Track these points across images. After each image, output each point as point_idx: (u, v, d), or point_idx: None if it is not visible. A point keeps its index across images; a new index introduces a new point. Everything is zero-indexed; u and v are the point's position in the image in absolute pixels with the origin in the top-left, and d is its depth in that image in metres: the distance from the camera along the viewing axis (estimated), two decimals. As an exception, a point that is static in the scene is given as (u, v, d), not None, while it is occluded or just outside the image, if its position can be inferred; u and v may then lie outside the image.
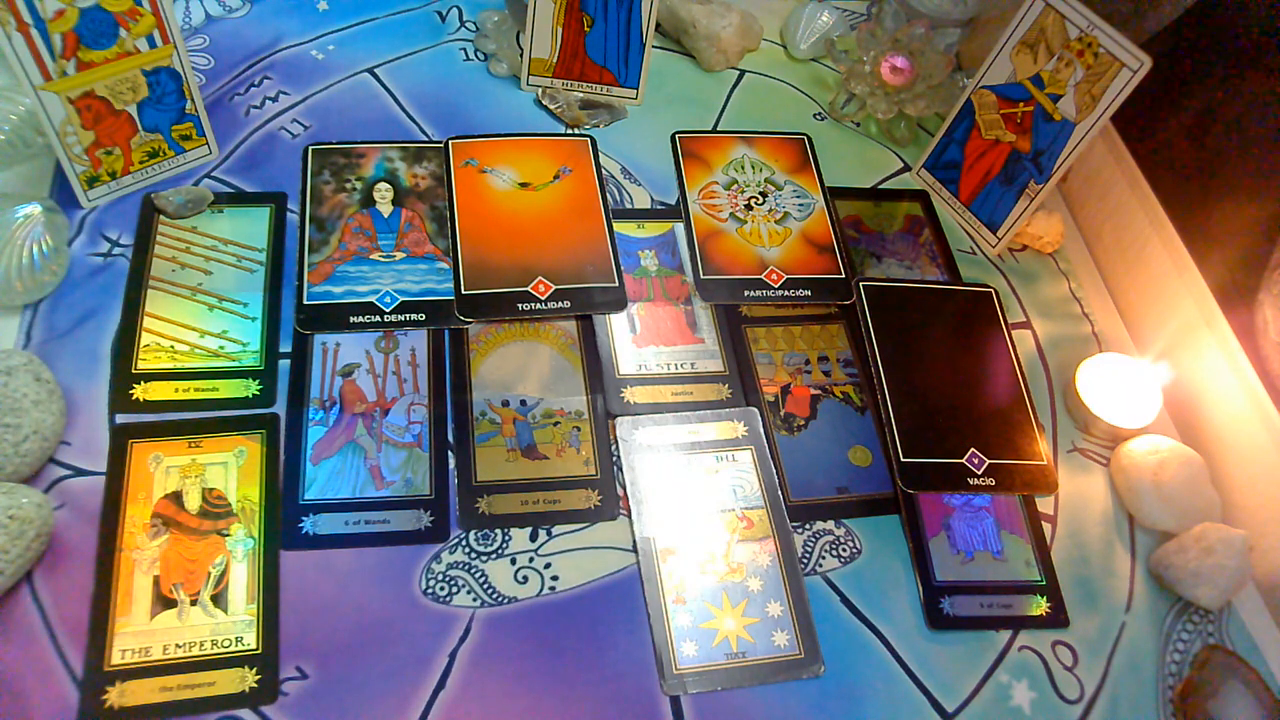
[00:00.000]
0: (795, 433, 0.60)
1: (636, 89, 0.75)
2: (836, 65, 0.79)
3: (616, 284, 0.62)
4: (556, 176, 0.67)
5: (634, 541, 0.53)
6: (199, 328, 0.56)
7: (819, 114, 0.79)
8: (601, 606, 0.51)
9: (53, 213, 0.56)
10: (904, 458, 0.57)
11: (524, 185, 0.66)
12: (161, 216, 0.61)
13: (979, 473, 0.58)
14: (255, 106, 0.69)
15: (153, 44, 0.58)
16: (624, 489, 0.55)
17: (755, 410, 0.59)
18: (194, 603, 0.47)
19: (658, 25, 0.77)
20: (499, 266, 0.61)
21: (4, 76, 0.58)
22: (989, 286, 0.67)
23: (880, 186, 0.75)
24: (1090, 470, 0.62)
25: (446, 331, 0.59)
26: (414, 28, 0.77)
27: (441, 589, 0.50)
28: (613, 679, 0.49)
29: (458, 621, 0.49)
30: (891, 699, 0.51)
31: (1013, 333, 0.65)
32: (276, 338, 0.57)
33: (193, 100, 0.62)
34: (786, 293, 0.65)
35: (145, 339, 0.55)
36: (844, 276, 0.66)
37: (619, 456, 0.56)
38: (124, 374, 0.54)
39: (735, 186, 0.70)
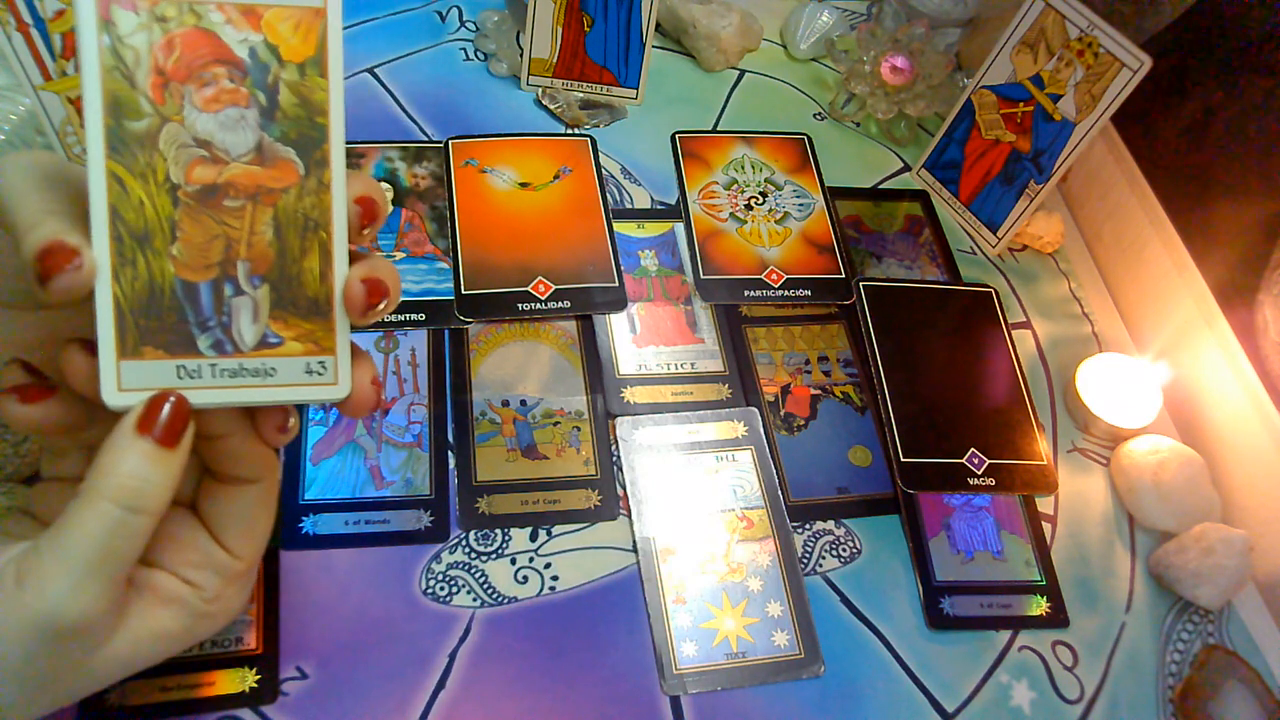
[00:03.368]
0: (795, 433, 0.60)
1: (636, 89, 0.75)
2: (836, 65, 0.79)
3: (616, 284, 0.62)
4: (556, 176, 0.67)
5: (634, 541, 0.53)
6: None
7: (819, 114, 0.79)
8: (601, 606, 0.51)
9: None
10: (904, 458, 0.57)
11: (524, 185, 0.66)
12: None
13: (979, 473, 0.58)
14: (255, 106, 0.69)
15: (153, 44, 0.58)
16: (624, 489, 0.55)
17: (755, 410, 0.59)
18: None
19: (658, 25, 0.77)
20: (499, 266, 0.61)
21: (4, 76, 0.58)
22: (989, 286, 0.67)
23: (880, 186, 0.75)
24: (1090, 470, 0.62)
25: (446, 331, 0.59)
26: (414, 28, 0.77)
27: (441, 589, 0.50)
28: (613, 679, 0.49)
29: (458, 621, 0.49)
30: (891, 699, 0.51)
31: (1013, 333, 0.65)
32: (276, 338, 0.57)
33: (193, 100, 0.62)
34: (786, 293, 0.65)
35: (145, 339, 0.55)
36: (844, 276, 0.66)
37: (619, 456, 0.56)
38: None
39: (735, 186, 0.70)
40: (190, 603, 0.35)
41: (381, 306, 0.33)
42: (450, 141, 0.68)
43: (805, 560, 0.55)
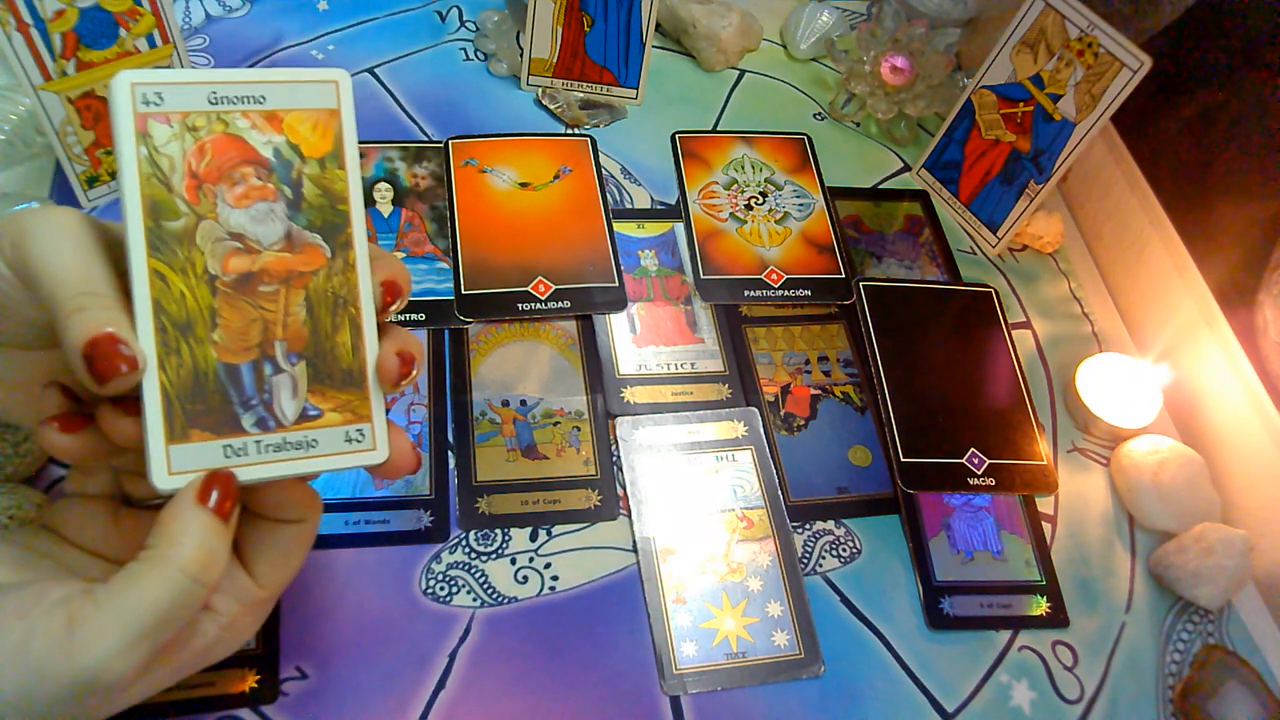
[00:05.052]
0: (795, 433, 0.60)
1: (636, 89, 0.75)
2: (836, 65, 0.79)
3: (616, 284, 0.62)
4: (556, 176, 0.67)
5: (634, 541, 0.53)
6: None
7: (819, 114, 0.79)
8: (601, 606, 0.51)
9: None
10: (904, 458, 0.57)
11: (524, 185, 0.66)
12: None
13: (979, 473, 0.58)
14: (255, 106, 0.69)
15: (153, 44, 0.58)
16: (624, 489, 0.55)
17: (755, 410, 0.59)
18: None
19: (658, 25, 0.77)
20: (499, 266, 0.61)
21: (4, 76, 0.58)
22: (989, 286, 0.67)
23: (880, 186, 0.75)
24: (1090, 470, 0.62)
25: (446, 331, 0.59)
26: (414, 28, 0.77)
27: (441, 589, 0.50)
28: (613, 679, 0.49)
29: (458, 621, 0.49)
30: (891, 699, 0.51)
31: (1013, 333, 0.65)
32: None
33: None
34: (786, 293, 0.65)
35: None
36: (844, 276, 0.66)
37: (619, 456, 0.56)
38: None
39: (735, 186, 0.70)
40: (206, 630, 0.35)
41: (413, 375, 0.35)
42: (450, 141, 0.68)
43: (805, 560, 0.55)
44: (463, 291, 0.60)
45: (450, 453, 0.55)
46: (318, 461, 0.34)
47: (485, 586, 0.51)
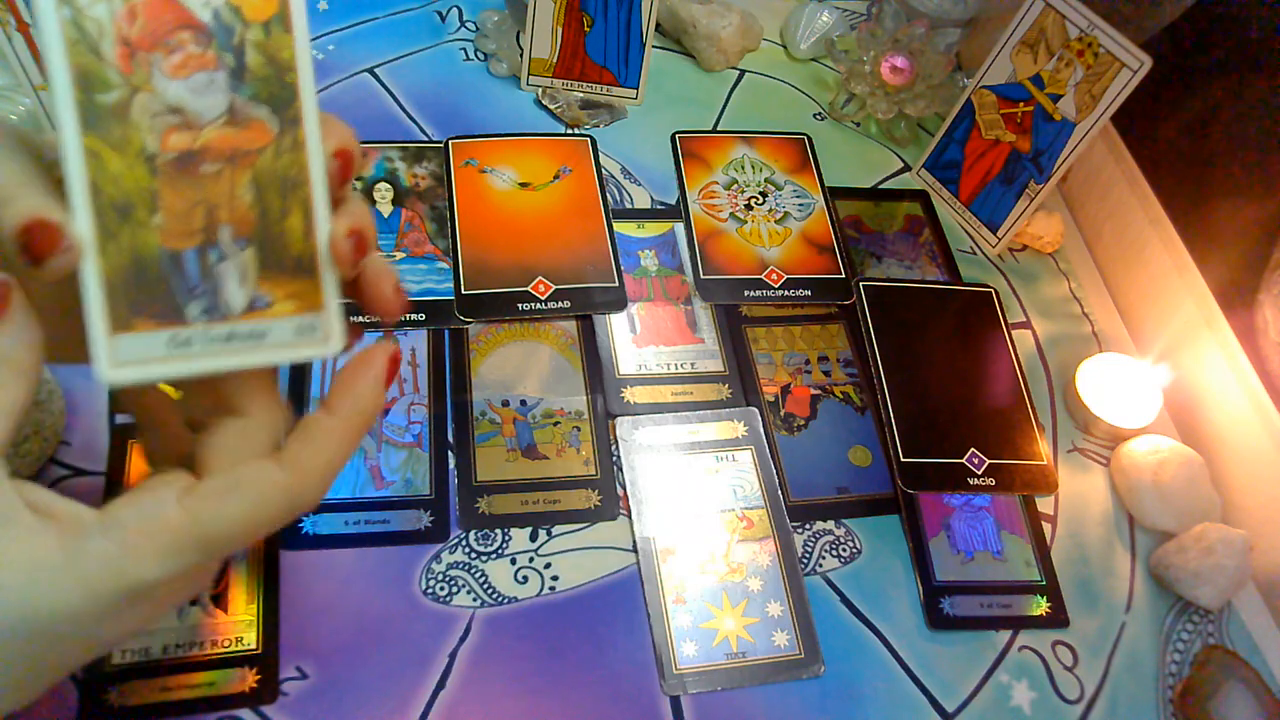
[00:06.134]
0: (795, 433, 0.60)
1: (636, 89, 0.75)
2: (836, 65, 0.79)
3: (616, 284, 0.62)
4: (556, 176, 0.67)
5: (634, 541, 0.53)
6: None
7: (819, 114, 0.79)
8: (601, 606, 0.51)
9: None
10: (904, 458, 0.57)
11: (524, 185, 0.66)
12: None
13: (979, 473, 0.58)
14: (255, 106, 0.69)
15: (153, 44, 0.58)
16: (624, 489, 0.55)
17: (755, 410, 0.59)
18: (194, 603, 0.47)
19: (658, 25, 0.77)
20: (499, 266, 0.61)
21: (4, 76, 0.58)
22: (989, 286, 0.67)
23: (880, 186, 0.75)
24: (1090, 470, 0.62)
25: (446, 331, 0.59)
26: (414, 28, 0.77)
27: (441, 589, 0.50)
28: (613, 679, 0.49)
29: (458, 621, 0.49)
30: (891, 699, 0.51)
31: (1013, 333, 0.65)
32: (276, 338, 0.57)
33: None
34: (786, 293, 0.65)
35: (145, 339, 0.55)
36: (844, 276, 0.66)
37: (619, 456, 0.56)
38: (124, 374, 0.54)
39: (735, 186, 0.70)
40: (74, 519, 0.29)
41: (368, 254, 0.33)
42: (450, 141, 0.68)
43: (805, 560, 0.55)
44: (463, 291, 0.60)
45: (450, 453, 0.55)
46: (268, 353, 0.32)
47: (485, 586, 0.51)
